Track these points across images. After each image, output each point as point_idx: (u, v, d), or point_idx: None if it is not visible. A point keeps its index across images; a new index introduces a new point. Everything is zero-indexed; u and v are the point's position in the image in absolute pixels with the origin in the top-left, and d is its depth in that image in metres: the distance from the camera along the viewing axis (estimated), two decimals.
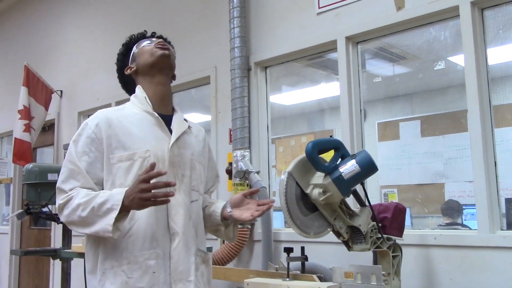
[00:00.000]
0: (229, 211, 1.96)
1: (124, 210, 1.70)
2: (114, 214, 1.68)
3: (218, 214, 2.00)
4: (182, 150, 1.94)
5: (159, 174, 1.64)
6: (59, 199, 1.81)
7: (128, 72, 2.08)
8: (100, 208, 1.70)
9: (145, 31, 2.20)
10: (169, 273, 1.82)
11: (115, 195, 1.71)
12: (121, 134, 1.85)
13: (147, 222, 1.81)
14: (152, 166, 1.65)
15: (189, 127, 2.03)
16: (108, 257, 1.81)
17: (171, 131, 1.94)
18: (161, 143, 1.89)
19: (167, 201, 1.68)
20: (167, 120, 1.96)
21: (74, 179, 1.82)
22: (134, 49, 2.09)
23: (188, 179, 1.94)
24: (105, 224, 1.69)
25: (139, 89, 2.02)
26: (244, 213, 1.91)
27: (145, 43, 2.09)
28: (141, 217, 1.81)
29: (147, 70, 2.01)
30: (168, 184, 1.70)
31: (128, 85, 2.15)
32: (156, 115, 1.93)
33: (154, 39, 2.11)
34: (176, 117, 2.01)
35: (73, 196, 1.77)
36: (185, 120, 2.06)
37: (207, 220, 2.06)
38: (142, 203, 1.66)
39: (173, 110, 2.05)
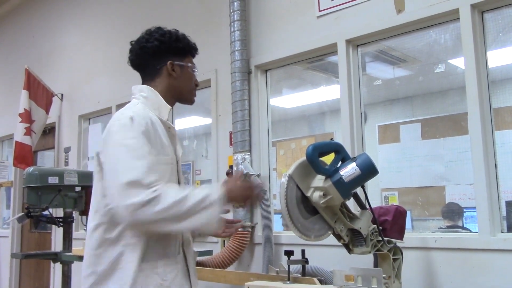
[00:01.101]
0: None
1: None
2: (219, 207, 1.71)
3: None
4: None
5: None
6: (140, 195, 1.61)
7: (167, 68, 1.94)
8: (202, 202, 1.68)
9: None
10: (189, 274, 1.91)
11: (215, 190, 1.72)
12: (159, 139, 1.84)
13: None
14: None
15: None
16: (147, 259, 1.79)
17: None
18: (175, 152, 1.94)
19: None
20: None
21: (153, 172, 1.68)
22: (185, 64, 1.98)
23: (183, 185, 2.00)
24: (211, 216, 1.69)
25: (154, 94, 1.93)
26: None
27: (192, 66, 2.02)
28: None
29: (175, 92, 1.97)
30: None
31: (146, 66, 1.99)
32: (173, 126, 1.96)
33: (193, 64, 2.04)
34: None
35: (162, 192, 1.64)
36: None
37: None
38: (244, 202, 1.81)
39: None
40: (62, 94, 6.02)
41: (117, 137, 1.74)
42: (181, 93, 1.98)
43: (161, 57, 1.94)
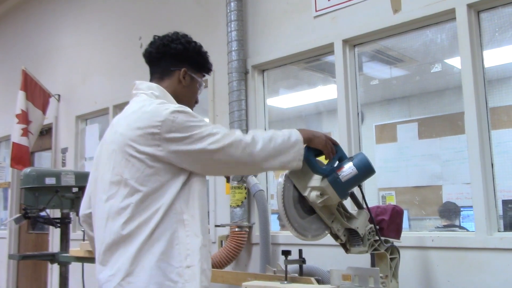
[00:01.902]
0: None
1: None
2: (301, 144, 1.88)
3: None
4: None
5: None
6: (238, 136, 1.77)
7: (180, 74, 1.98)
8: (288, 140, 1.85)
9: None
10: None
11: (294, 132, 1.89)
12: None
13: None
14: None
15: None
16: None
17: None
18: None
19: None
20: None
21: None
22: (196, 77, 2.03)
23: None
24: (297, 153, 1.86)
25: (167, 96, 1.94)
26: None
27: (201, 82, 2.07)
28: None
29: (176, 98, 1.97)
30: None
31: (162, 64, 2.00)
32: None
33: (200, 92, 2.10)
34: None
35: (252, 134, 1.81)
36: None
37: None
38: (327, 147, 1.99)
39: None
40: (59, 95, 6.01)
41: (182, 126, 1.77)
42: (181, 102, 1.98)
43: (179, 62, 1.97)
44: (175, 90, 1.97)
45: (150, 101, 1.84)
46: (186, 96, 2.01)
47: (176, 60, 1.97)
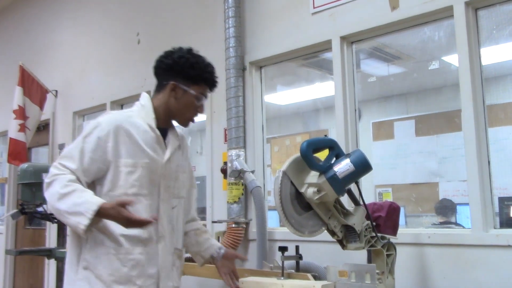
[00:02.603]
0: (216, 257, 2.28)
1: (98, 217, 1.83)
2: (87, 221, 1.80)
3: (209, 254, 2.29)
4: (170, 164, 2.11)
5: (146, 223, 1.86)
6: (48, 175, 1.91)
7: (169, 87, 2.09)
8: (75, 207, 1.82)
9: (216, 78, 2.20)
10: (157, 269, 2.02)
11: (91, 202, 1.82)
12: (129, 143, 2.00)
13: None
14: (154, 217, 1.90)
15: (180, 142, 2.21)
16: (103, 243, 1.95)
17: (166, 145, 2.12)
18: (158, 157, 2.06)
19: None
20: (164, 133, 2.12)
21: (71, 160, 1.93)
22: (190, 89, 2.09)
23: (172, 189, 2.12)
24: (77, 223, 1.81)
25: (147, 102, 2.12)
26: (223, 270, 2.27)
27: (197, 95, 2.11)
28: None
29: (169, 111, 2.12)
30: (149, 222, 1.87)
31: (158, 78, 2.16)
32: (158, 132, 2.08)
33: (206, 96, 2.17)
34: (171, 133, 2.16)
35: (57, 180, 1.87)
36: (177, 135, 2.21)
37: (194, 244, 2.32)
38: (121, 224, 1.86)
39: (170, 122, 2.19)
40: (56, 91, 6.00)
41: (80, 135, 2.01)
42: (175, 114, 2.14)
43: (170, 76, 2.08)
44: (167, 102, 2.10)
45: (97, 119, 2.04)
46: (179, 109, 2.11)
47: (167, 75, 2.09)
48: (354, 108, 3.32)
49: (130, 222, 1.83)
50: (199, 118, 2.24)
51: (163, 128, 2.12)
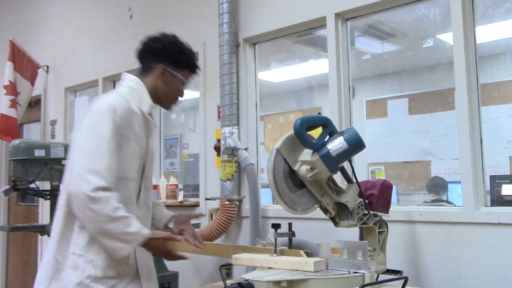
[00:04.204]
0: (171, 226, 2.29)
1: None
2: (132, 248, 1.87)
3: (162, 223, 2.32)
4: (153, 148, 2.16)
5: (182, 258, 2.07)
6: (97, 189, 1.78)
7: (159, 70, 2.11)
8: (126, 235, 1.83)
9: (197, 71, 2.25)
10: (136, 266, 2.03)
11: (144, 233, 1.87)
12: (132, 128, 1.98)
13: None
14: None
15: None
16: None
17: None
18: (147, 142, 2.10)
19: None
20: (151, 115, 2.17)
21: (110, 170, 1.84)
22: (177, 74, 2.14)
23: (151, 171, 2.18)
24: (122, 248, 1.85)
25: (140, 86, 2.11)
26: (182, 233, 2.24)
27: (183, 79, 2.17)
28: None
29: (156, 94, 2.14)
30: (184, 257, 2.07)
31: (145, 61, 2.17)
32: (151, 119, 2.12)
33: (190, 81, 2.21)
34: (151, 116, 2.17)
35: (110, 201, 1.80)
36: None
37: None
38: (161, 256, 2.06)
39: None
40: (47, 66, 5.93)
41: (92, 124, 1.91)
42: (161, 97, 2.15)
43: (158, 59, 2.12)
44: (155, 85, 2.12)
45: (107, 96, 2.03)
46: (165, 92, 2.14)
47: (155, 58, 2.12)
48: (348, 86, 3.31)
49: (170, 256, 1.99)
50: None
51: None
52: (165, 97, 2.16)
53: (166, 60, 2.12)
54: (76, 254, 1.91)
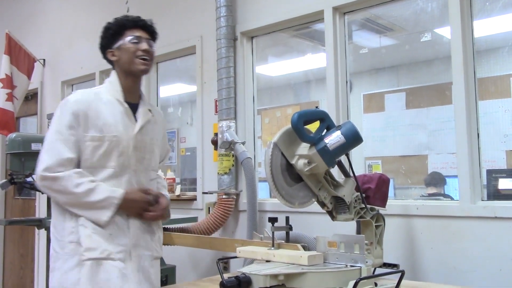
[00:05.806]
0: None
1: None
2: (110, 212, 2.05)
3: None
4: (144, 137, 2.21)
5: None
6: (53, 169, 2.02)
7: (109, 57, 2.24)
8: (98, 203, 2.02)
9: (137, 17, 2.27)
10: (128, 238, 2.11)
11: (114, 197, 2.04)
12: (96, 117, 2.09)
13: None
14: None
15: (152, 115, 2.28)
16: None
17: (136, 119, 2.20)
18: (128, 130, 2.15)
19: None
20: (134, 108, 2.21)
21: (67, 149, 2.04)
22: (122, 41, 2.19)
23: (148, 161, 2.23)
24: (100, 215, 2.03)
25: (114, 77, 2.23)
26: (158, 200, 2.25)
27: (129, 38, 2.19)
28: None
29: (123, 71, 2.21)
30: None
31: (108, 61, 2.31)
32: (126, 105, 2.17)
33: (140, 36, 2.21)
34: (142, 106, 2.24)
35: (69, 175, 2.02)
36: (149, 110, 2.28)
37: None
38: (138, 215, 2.13)
39: (140, 97, 2.28)
40: (44, 60, 5.91)
41: (53, 119, 2.10)
42: (126, 69, 2.20)
43: (105, 51, 2.27)
44: (119, 68, 2.22)
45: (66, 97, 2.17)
46: (124, 62, 2.19)
47: (103, 52, 2.29)
48: (345, 80, 3.31)
49: (144, 217, 2.12)
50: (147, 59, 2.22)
51: (134, 103, 2.22)
52: (126, 66, 2.19)
53: (107, 45, 2.24)
54: (73, 242, 2.06)
